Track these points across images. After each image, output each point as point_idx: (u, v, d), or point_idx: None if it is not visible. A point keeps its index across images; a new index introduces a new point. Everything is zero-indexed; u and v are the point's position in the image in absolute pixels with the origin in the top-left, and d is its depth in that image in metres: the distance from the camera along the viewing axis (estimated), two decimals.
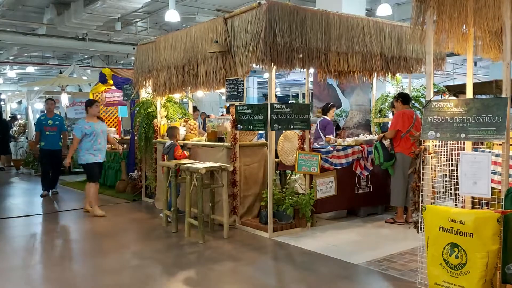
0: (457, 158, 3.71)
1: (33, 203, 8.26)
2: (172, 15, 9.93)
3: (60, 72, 15.02)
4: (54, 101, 9.48)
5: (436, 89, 7.60)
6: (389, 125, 6.90)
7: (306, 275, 4.43)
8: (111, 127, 11.42)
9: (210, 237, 5.68)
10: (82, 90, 18.85)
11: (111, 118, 11.75)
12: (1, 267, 4.74)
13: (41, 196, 8.67)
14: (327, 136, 7.17)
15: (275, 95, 7.51)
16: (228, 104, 7.08)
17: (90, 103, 7.25)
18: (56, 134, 8.75)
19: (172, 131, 6.82)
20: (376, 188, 6.62)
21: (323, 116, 7.74)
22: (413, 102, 7.10)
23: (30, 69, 21.47)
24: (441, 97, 7.48)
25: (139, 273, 4.53)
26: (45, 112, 9.31)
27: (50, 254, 5.34)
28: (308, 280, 4.30)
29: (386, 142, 6.27)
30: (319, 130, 7.51)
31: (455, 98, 5.05)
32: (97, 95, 11.14)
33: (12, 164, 13.71)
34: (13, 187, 10.45)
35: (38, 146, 8.83)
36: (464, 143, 3.98)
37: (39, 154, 9.00)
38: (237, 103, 6.01)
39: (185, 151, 6.66)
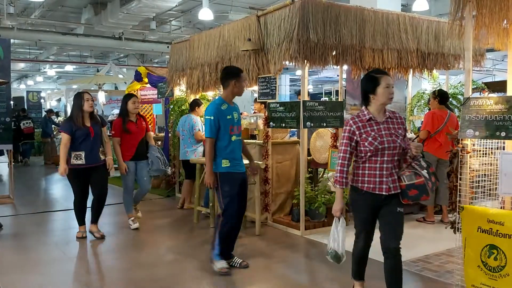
0: (496, 157, 3.60)
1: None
2: (205, 14, 10.01)
3: (98, 71, 15.40)
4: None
5: (475, 86, 7.38)
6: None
7: (339, 273, 4.39)
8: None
9: (242, 234, 5.69)
10: (118, 88, 19.29)
11: (146, 115, 11.95)
12: (42, 259, 4.94)
13: None
14: None
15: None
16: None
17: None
18: (241, 141, 4.51)
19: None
20: None
21: None
22: (450, 99, 6.92)
23: (69, 67, 22.16)
24: (480, 94, 7.26)
25: (174, 268, 4.61)
26: (220, 96, 4.51)
27: (86, 248, 5.50)
28: (341, 279, 4.26)
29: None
30: None
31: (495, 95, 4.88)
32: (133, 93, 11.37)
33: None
34: (56, 183, 10.80)
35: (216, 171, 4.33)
36: (504, 142, 3.85)
37: (227, 187, 4.31)
38: (269, 101, 6.02)
39: None
